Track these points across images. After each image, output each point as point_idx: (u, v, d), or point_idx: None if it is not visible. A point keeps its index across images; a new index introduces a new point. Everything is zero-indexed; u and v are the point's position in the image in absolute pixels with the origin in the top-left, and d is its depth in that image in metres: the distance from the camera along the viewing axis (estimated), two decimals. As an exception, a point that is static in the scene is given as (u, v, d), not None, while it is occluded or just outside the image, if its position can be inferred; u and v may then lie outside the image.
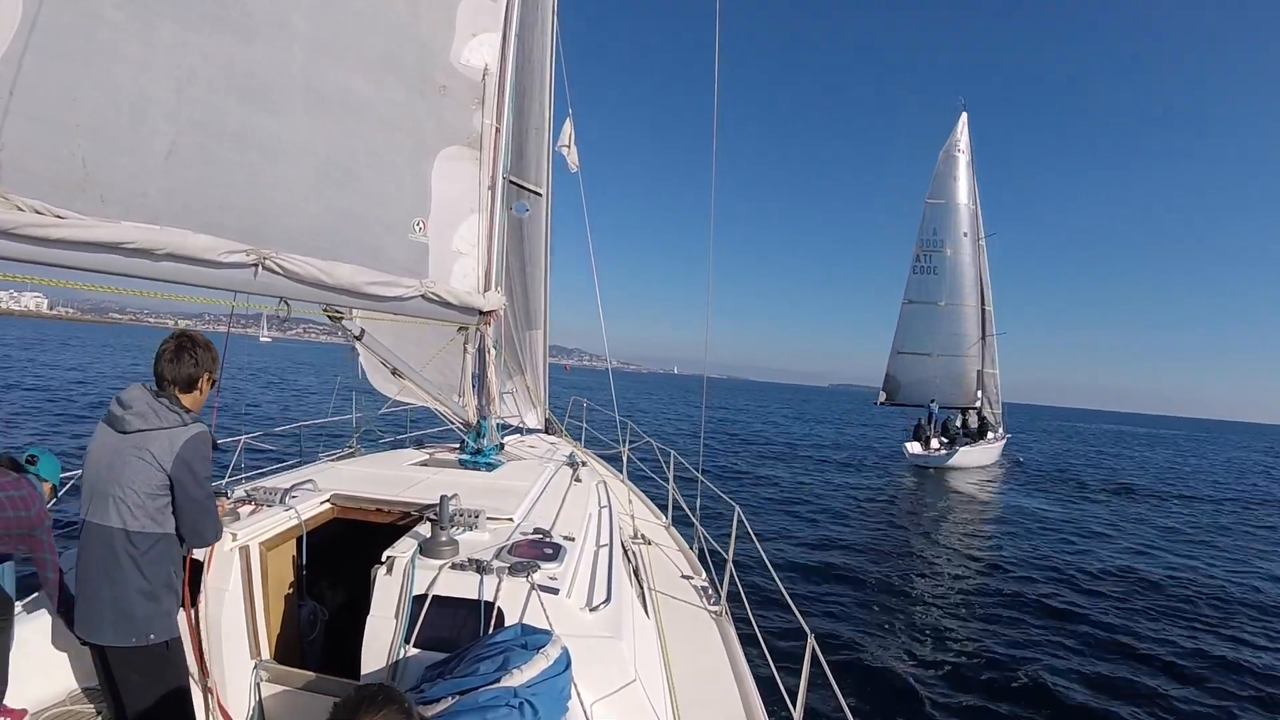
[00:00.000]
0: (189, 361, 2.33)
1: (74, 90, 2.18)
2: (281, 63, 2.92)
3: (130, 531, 2.17)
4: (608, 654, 2.32)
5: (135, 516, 2.17)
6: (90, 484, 2.21)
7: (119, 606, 2.18)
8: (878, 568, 10.53)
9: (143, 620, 2.21)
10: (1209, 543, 14.46)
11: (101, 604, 2.18)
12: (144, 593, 2.21)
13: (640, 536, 5.05)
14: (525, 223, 6.78)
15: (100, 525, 2.17)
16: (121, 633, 2.18)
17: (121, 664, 2.22)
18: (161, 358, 2.31)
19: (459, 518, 2.89)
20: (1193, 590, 10.58)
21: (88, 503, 2.22)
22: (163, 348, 2.32)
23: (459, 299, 3.98)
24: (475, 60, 4.06)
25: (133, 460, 2.16)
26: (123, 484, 2.15)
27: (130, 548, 2.17)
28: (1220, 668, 7.58)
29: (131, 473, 2.16)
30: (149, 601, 2.22)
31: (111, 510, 2.16)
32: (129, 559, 2.17)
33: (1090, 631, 8.39)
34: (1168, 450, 49.15)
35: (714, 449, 25.20)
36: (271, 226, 2.94)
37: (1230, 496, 23.85)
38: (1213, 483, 28.55)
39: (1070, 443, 49.62)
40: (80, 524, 2.24)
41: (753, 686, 3.16)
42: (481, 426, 4.57)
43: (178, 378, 2.32)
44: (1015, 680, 6.87)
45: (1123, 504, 20.28)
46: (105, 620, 2.18)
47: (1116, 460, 36.71)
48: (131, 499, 2.16)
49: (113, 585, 2.17)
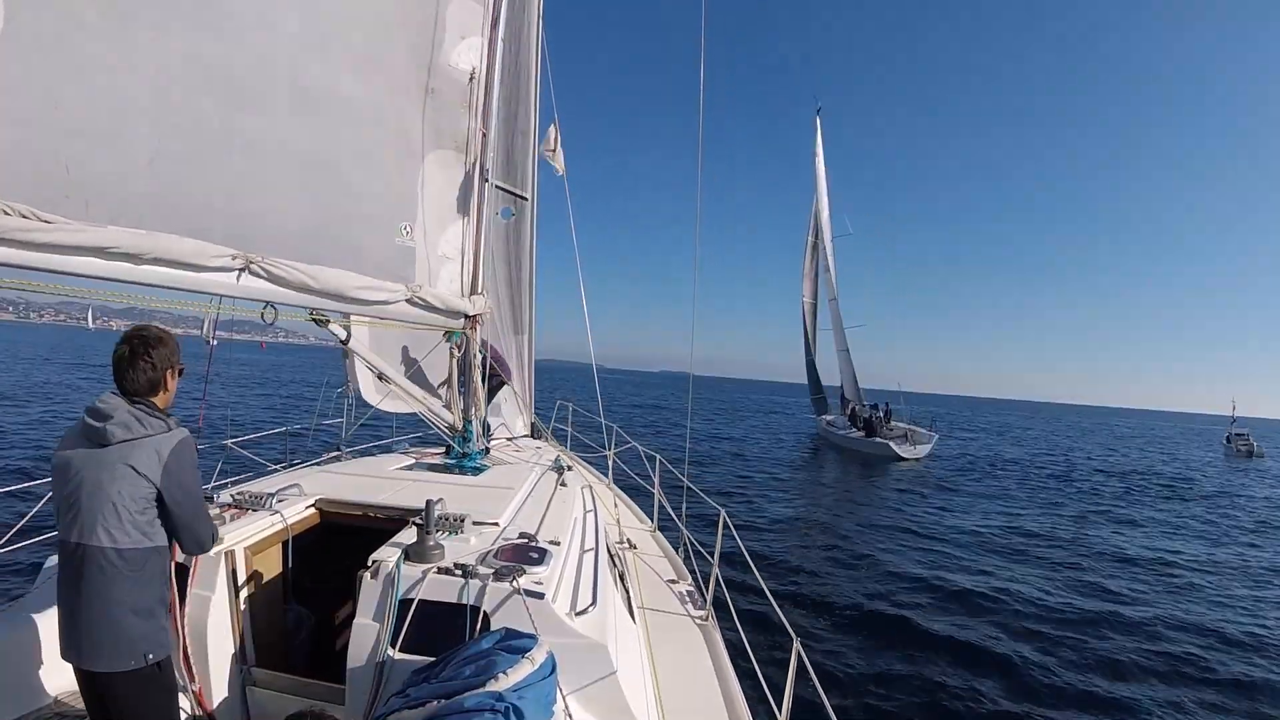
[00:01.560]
0: (144, 367, 2.17)
1: (56, 94, 2.17)
2: (265, 65, 2.91)
3: (121, 550, 2.05)
4: (593, 658, 2.32)
5: (127, 533, 2.06)
6: (69, 502, 2.07)
7: (114, 629, 2.06)
8: (864, 570, 10.60)
9: (140, 640, 2.10)
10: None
11: (95, 628, 2.06)
12: (139, 611, 2.10)
13: (626, 541, 5.05)
14: (511, 227, 6.78)
15: (86, 545, 2.04)
16: (119, 656, 2.07)
17: (112, 687, 2.10)
18: (118, 367, 2.17)
19: (444, 522, 2.89)
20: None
21: (68, 523, 2.07)
22: (117, 354, 2.17)
23: (445, 303, 3.98)
24: (463, 63, 4.07)
25: (119, 474, 2.04)
26: (110, 500, 2.03)
27: (123, 566, 2.06)
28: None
29: (119, 488, 2.04)
30: (146, 620, 2.12)
31: (99, 529, 2.03)
32: (121, 578, 2.06)
33: (1078, 632, 8.46)
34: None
35: (699, 451, 25.32)
36: (257, 230, 2.93)
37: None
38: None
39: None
40: (59, 545, 2.11)
41: (738, 690, 3.16)
42: (467, 431, 4.56)
43: (138, 386, 2.17)
44: (1004, 680, 6.93)
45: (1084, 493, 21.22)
46: (101, 645, 2.06)
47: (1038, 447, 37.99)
48: (122, 515, 2.04)
49: (106, 607, 2.05)
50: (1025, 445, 41.60)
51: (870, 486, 20.54)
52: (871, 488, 20.33)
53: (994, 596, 9.63)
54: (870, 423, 29.82)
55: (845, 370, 34.14)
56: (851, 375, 33.84)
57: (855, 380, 33.76)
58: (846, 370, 34.06)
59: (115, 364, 2.17)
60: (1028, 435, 53.59)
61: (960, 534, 13.69)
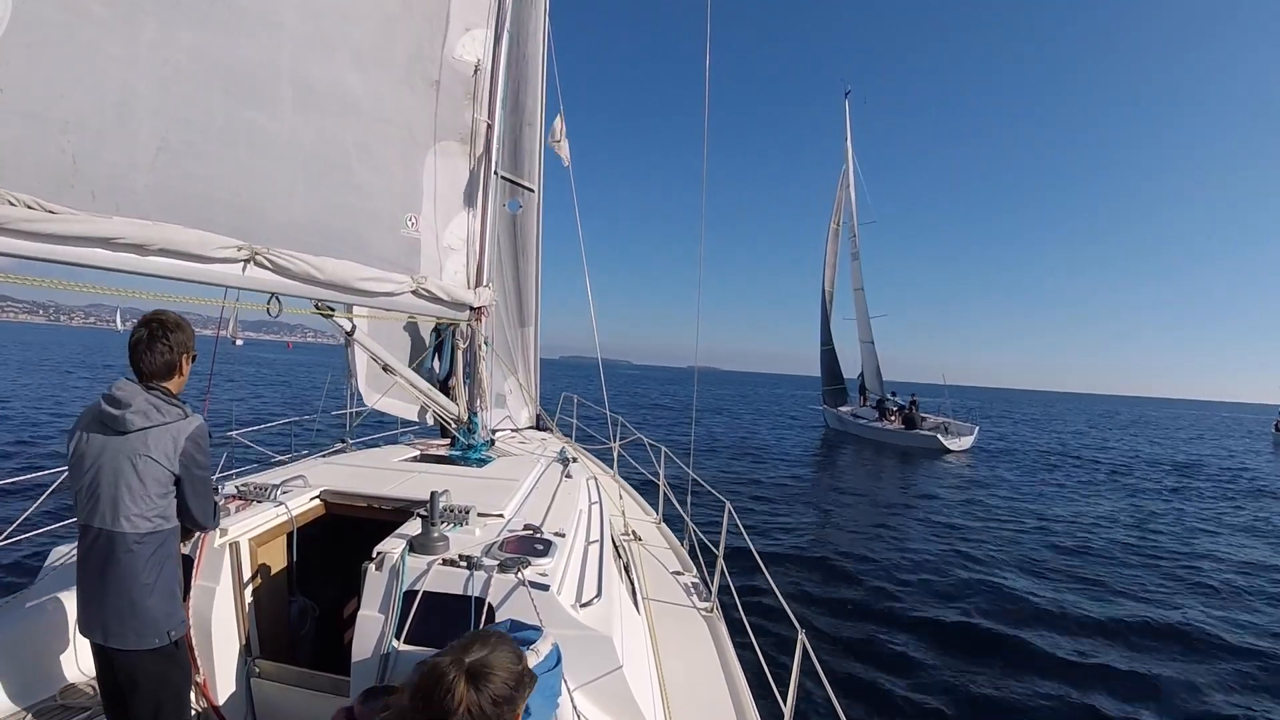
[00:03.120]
0: (162, 349, 2.21)
1: (62, 86, 2.17)
2: (269, 56, 2.91)
3: (142, 534, 2.11)
4: (598, 650, 2.32)
5: (147, 518, 2.12)
6: (89, 489, 2.12)
7: (138, 610, 2.13)
8: (870, 562, 10.56)
9: (164, 619, 2.18)
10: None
11: (120, 609, 2.12)
12: (161, 591, 2.17)
13: (631, 533, 5.06)
14: (517, 219, 6.78)
15: (108, 531, 2.10)
16: (145, 635, 2.14)
17: (136, 666, 2.16)
18: (136, 349, 2.21)
19: (449, 514, 2.89)
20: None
21: (87, 509, 2.13)
22: (135, 338, 2.21)
23: (450, 294, 3.99)
24: (468, 55, 4.06)
25: (139, 462, 2.09)
26: (130, 487, 2.09)
27: (144, 550, 2.12)
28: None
29: (139, 475, 2.09)
30: (168, 600, 2.20)
31: (121, 516, 2.09)
32: (144, 561, 2.12)
33: (1089, 619, 8.35)
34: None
35: (703, 442, 25.24)
36: (261, 222, 2.93)
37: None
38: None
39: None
40: (80, 529, 2.16)
41: (743, 683, 3.17)
42: (472, 422, 4.57)
43: (156, 369, 2.22)
44: (1013, 676, 6.85)
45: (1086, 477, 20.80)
46: (126, 625, 2.13)
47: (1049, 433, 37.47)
48: (142, 502, 2.10)
49: (131, 590, 2.11)
50: (1066, 436, 40.48)
51: (903, 479, 19.98)
52: (905, 480, 19.75)
53: (1035, 596, 9.27)
54: (910, 415, 28.98)
55: (868, 362, 33.52)
56: (875, 367, 33.21)
57: (879, 372, 33.16)
58: (870, 362, 33.42)
59: (133, 347, 2.21)
60: (1068, 428, 51.47)
61: (989, 525, 13.51)
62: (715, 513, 4.65)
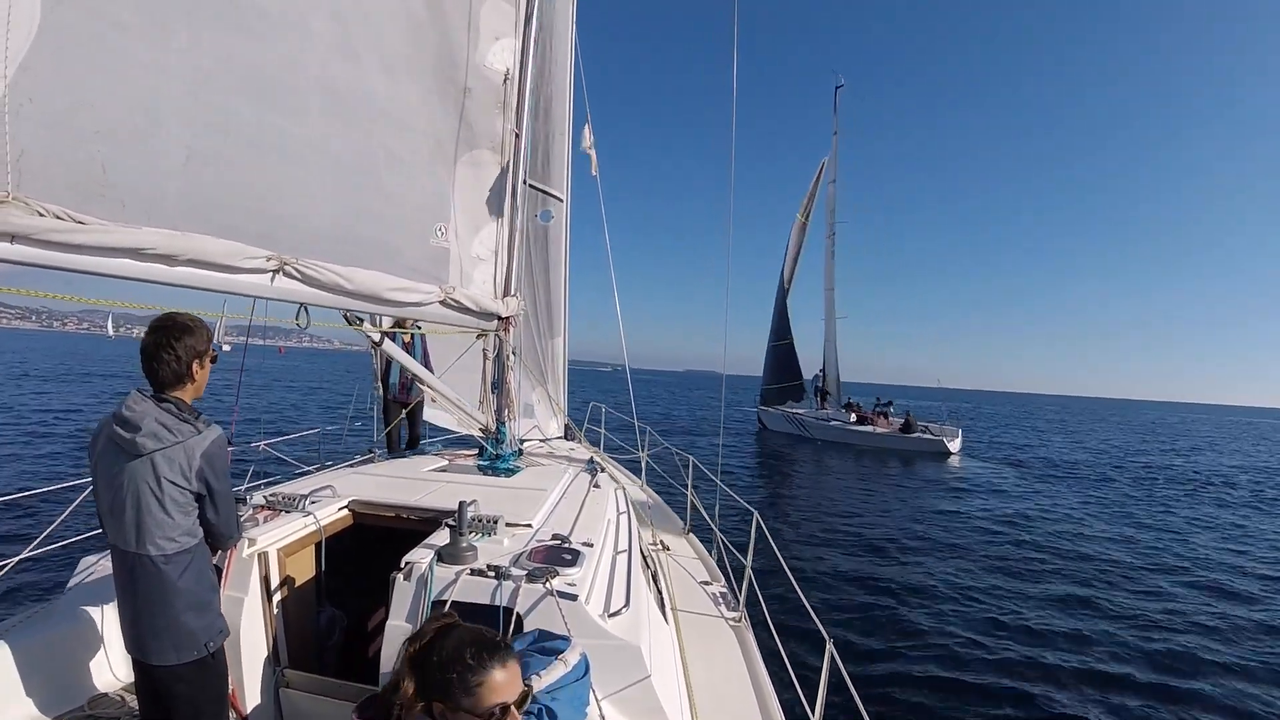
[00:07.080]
0: (169, 359, 2.12)
1: (91, 95, 2.16)
2: (298, 64, 2.89)
3: (169, 555, 2.08)
4: (626, 660, 2.30)
5: (172, 539, 2.08)
6: (113, 512, 2.09)
7: (174, 627, 2.11)
8: (900, 572, 10.35)
9: (200, 632, 2.16)
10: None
11: (156, 627, 2.10)
12: (195, 606, 2.15)
13: (659, 542, 5.03)
14: (546, 228, 6.78)
15: (134, 554, 2.07)
16: (182, 650, 2.12)
17: (174, 680, 2.15)
18: (144, 358, 2.13)
19: (477, 523, 2.87)
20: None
21: (114, 531, 2.10)
22: (142, 346, 2.14)
23: (478, 304, 3.96)
24: (498, 64, 4.04)
25: (158, 486, 2.05)
26: (151, 512, 2.05)
27: (173, 569, 2.09)
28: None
29: (160, 499, 2.05)
30: (203, 613, 2.17)
31: (146, 541, 2.06)
32: (174, 580, 2.09)
33: (1128, 635, 8.11)
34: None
35: (730, 448, 25.09)
36: (289, 231, 2.92)
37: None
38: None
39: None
40: (110, 547, 2.15)
41: (772, 694, 3.14)
42: (500, 432, 4.54)
43: (165, 380, 2.14)
44: (1045, 691, 6.66)
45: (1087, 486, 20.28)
46: (164, 642, 2.11)
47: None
48: (165, 525, 2.07)
49: (164, 608, 2.09)
50: (1060, 441, 40.70)
51: (917, 486, 19.85)
52: (919, 488, 19.63)
53: (1078, 612, 9.07)
54: (907, 418, 28.89)
55: (831, 361, 33.86)
56: (836, 367, 33.74)
57: (838, 373, 33.79)
58: (833, 361, 33.79)
59: (141, 355, 2.16)
60: (1065, 430, 52.76)
61: (996, 529, 13.28)
62: (744, 522, 4.59)
